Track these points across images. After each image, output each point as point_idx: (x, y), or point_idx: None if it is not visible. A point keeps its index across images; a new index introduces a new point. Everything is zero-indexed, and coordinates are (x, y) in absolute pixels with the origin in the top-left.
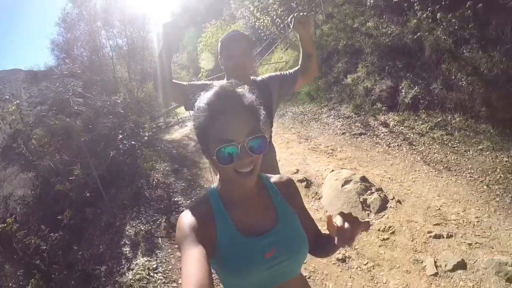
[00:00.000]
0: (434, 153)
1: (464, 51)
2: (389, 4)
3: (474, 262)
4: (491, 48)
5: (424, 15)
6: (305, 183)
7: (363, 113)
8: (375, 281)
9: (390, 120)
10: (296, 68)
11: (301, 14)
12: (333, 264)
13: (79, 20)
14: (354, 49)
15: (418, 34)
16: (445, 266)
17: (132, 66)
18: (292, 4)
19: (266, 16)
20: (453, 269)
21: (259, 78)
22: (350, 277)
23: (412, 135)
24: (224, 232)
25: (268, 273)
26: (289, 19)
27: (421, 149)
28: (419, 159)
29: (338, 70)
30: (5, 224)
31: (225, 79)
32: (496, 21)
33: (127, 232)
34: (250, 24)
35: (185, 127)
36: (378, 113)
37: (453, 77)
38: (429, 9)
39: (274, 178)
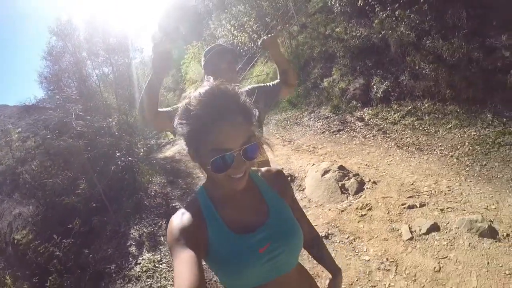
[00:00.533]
0: (407, 137)
1: (427, 42)
2: (355, 9)
3: (447, 224)
4: (451, 36)
5: (384, 15)
6: (289, 178)
7: (341, 112)
8: (357, 251)
9: (365, 114)
10: (277, 81)
11: (268, 36)
12: None
13: (64, 52)
14: (328, 54)
15: (383, 33)
16: (420, 230)
17: (119, 92)
18: (266, 19)
19: (243, 33)
20: (427, 232)
21: (244, 89)
22: (334, 250)
23: (385, 125)
24: (216, 232)
25: (266, 267)
26: (259, 43)
27: (394, 136)
28: (392, 145)
29: (315, 76)
30: (22, 236)
31: None
32: (451, 10)
33: (131, 235)
34: (229, 42)
35: (176, 145)
36: (354, 110)
37: (417, 67)
38: (388, 8)
39: (262, 171)
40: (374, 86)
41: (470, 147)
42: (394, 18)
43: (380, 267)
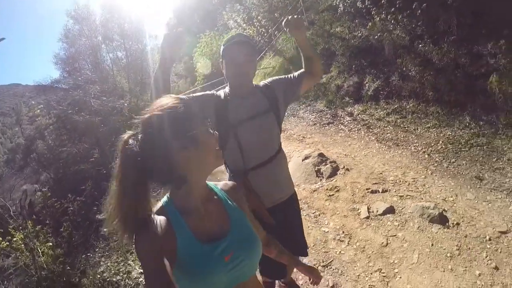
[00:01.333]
0: (387, 133)
1: (420, 45)
2: (357, 9)
3: (402, 208)
4: (441, 41)
5: (378, 18)
6: None
7: (334, 106)
8: (319, 223)
9: (355, 110)
10: (301, 70)
11: (295, 17)
12: None
13: (80, 35)
14: (330, 52)
15: (379, 34)
16: (377, 211)
17: (132, 76)
18: (275, 14)
19: (252, 27)
20: (383, 214)
21: (262, 83)
22: None
23: (371, 120)
24: (184, 241)
25: (230, 275)
26: (283, 23)
27: (376, 131)
28: (373, 139)
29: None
30: (42, 193)
31: (227, 86)
32: (443, 17)
33: None
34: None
35: None
36: (346, 106)
37: (404, 69)
38: (383, 12)
39: (220, 185)
40: (366, 85)
41: (443, 145)
42: (392, 21)
43: (336, 238)
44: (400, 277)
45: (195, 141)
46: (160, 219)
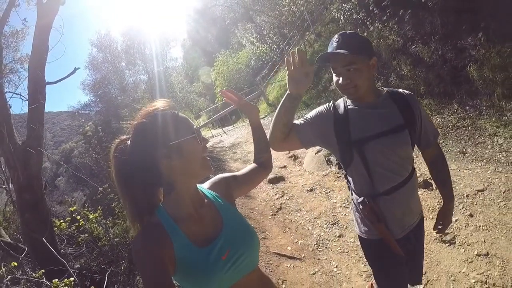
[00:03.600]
0: None
1: (412, 47)
2: (357, 20)
3: None
4: (429, 40)
5: (372, 28)
6: (293, 157)
7: None
8: (329, 197)
9: None
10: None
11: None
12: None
13: (104, 62)
14: None
15: (376, 41)
16: None
17: (156, 96)
18: (284, 30)
19: (264, 44)
20: None
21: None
22: (314, 197)
23: None
24: (181, 247)
25: (232, 271)
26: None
27: None
28: None
29: (325, 80)
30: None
31: (347, 99)
32: (429, 18)
33: None
34: (253, 52)
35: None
36: None
37: (399, 69)
38: (377, 21)
39: (206, 184)
40: None
41: None
42: (388, 28)
43: (342, 206)
44: None
45: (179, 151)
46: (154, 228)
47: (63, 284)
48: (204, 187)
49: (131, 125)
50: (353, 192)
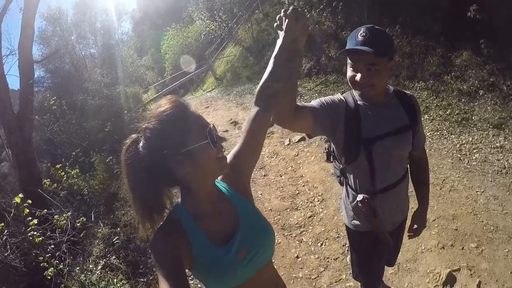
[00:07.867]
0: (313, 99)
1: (342, 33)
2: (298, 5)
3: (315, 140)
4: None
5: (309, 14)
6: (233, 123)
7: None
8: None
9: None
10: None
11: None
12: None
13: (54, 36)
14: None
15: (312, 26)
16: (294, 140)
17: (104, 73)
18: (234, 9)
19: (214, 22)
20: (298, 141)
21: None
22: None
23: (304, 91)
24: (199, 245)
25: (248, 268)
26: (284, 16)
27: (306, 98)
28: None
29: (267, 58)
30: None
31: (355, 94)
32: (357, 9)
33: None
34: (203, 30)
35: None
36: None
37: (328, 51)
38: (314, 9)
39: (221, 177)
40: (303, 65)
41: None
42: (324, 16)
43: (268, 156)
44: (301, 168)
45: (192, 156)
46: (173, 225)
47: (63, 219)
48: (221, 181)
49: (142, 128)
50: (348, 187)
